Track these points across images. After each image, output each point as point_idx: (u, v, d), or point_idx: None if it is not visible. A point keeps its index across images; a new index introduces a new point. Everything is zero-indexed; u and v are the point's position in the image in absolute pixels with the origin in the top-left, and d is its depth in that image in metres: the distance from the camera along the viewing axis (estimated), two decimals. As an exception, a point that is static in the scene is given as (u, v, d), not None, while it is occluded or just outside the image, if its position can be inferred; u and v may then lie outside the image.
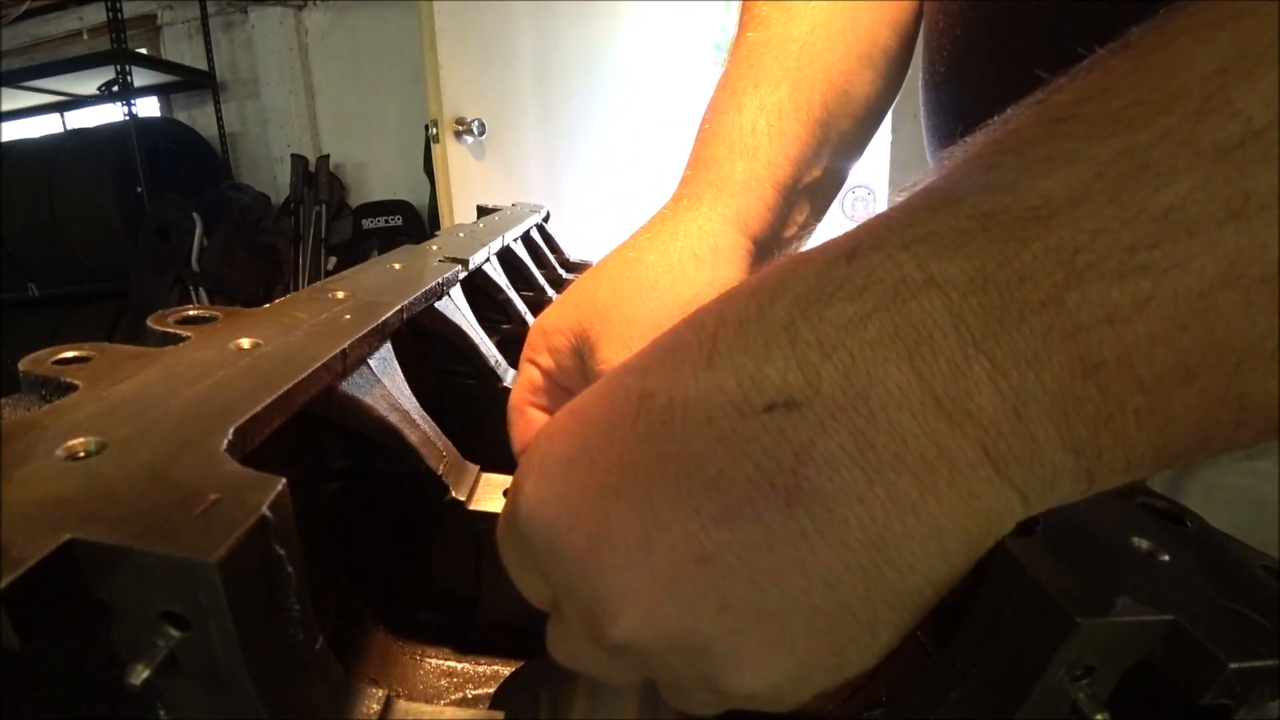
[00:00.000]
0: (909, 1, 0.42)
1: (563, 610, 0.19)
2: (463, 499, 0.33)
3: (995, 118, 0.17)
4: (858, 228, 0.16)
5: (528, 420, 0.33)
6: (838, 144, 0.40)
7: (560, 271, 0.86)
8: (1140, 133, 0.13)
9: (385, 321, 0.31)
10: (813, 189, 0.40)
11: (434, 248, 0.51)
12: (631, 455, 0.16)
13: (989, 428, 0.14)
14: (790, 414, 0.15)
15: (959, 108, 0.40)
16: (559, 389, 0.33)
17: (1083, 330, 0.13)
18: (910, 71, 0.44)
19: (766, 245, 0.37)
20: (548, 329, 0.33)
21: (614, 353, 0.30)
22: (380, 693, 0.21)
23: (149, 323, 0.26)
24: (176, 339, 0.25)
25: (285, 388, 0.22)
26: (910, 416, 0.14)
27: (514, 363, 0.51)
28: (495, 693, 0.32)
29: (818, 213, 0.41)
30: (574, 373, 0.32)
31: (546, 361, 0.33)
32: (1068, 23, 0.32)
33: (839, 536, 0.15)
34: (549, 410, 0.33)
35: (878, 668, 0.18)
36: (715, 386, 0.15)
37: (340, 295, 0.33)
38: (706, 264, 0.34)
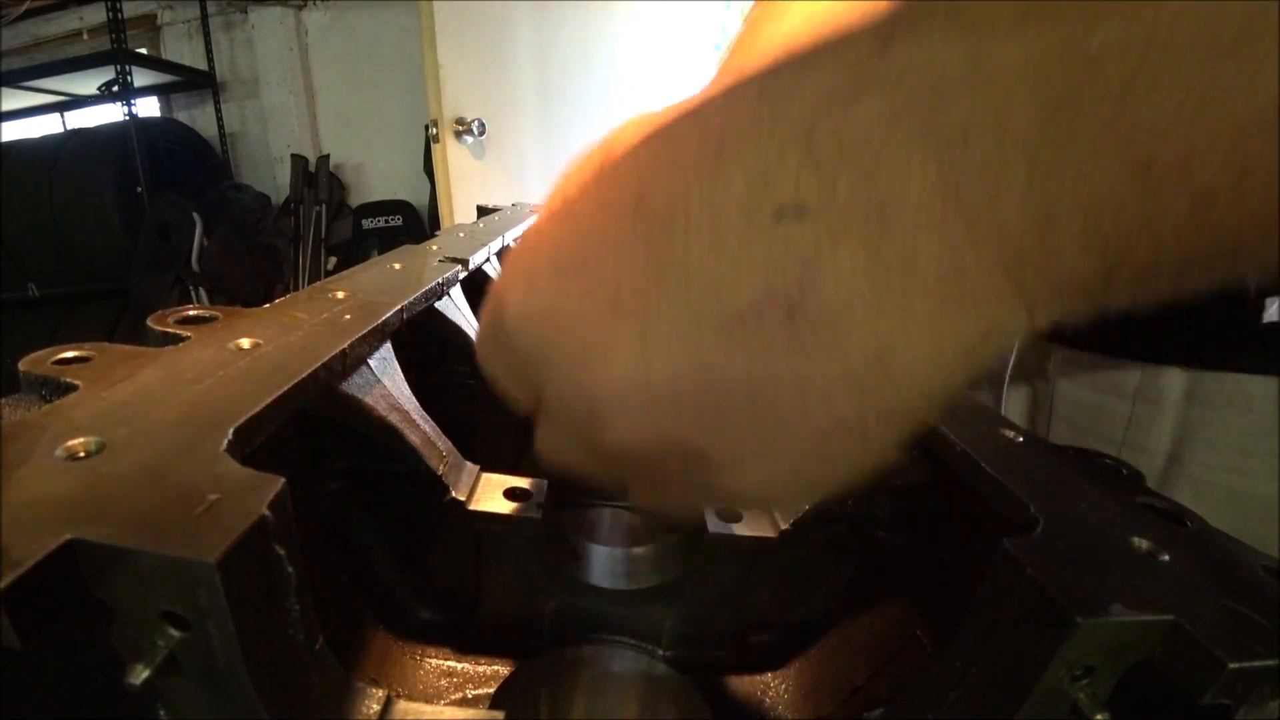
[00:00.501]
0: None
1: (553, 413, 0.19)
2: (463, 499, 0.33)
3: None
4: (884, 6, 0.14)
5: None
6: None
7: (560, 271, 0.86)
8: None
9: (385, 321, 0.31)
10: None
11: (434, 248, 0.51)
12: (628, 262, 0.15)
13: (1011, 235, 0.13)
14: (800, 222, 0.14)
15: None
16: None
17: (1143, 128, 0.12)
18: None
19: None
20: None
21: None
22: (380, 693, 0.21)
23: (149, 323, 0.26)
24: (176, 339, 0.25)
25: (285, 388, 0.22)
26: (928, 226, 0.13)
27: (514, 363, 0.51)
28: (495, 693, 0.32)
29: None
30: None
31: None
32: None
33: (840, 349, 0.14)
34: None
35: (878, 669, 0.18)
36: (721, 189, 0.14)
37: (340, 295, 0.33)
38: None
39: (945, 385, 0.15)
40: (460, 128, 1.84)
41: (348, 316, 0.30)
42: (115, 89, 2.55)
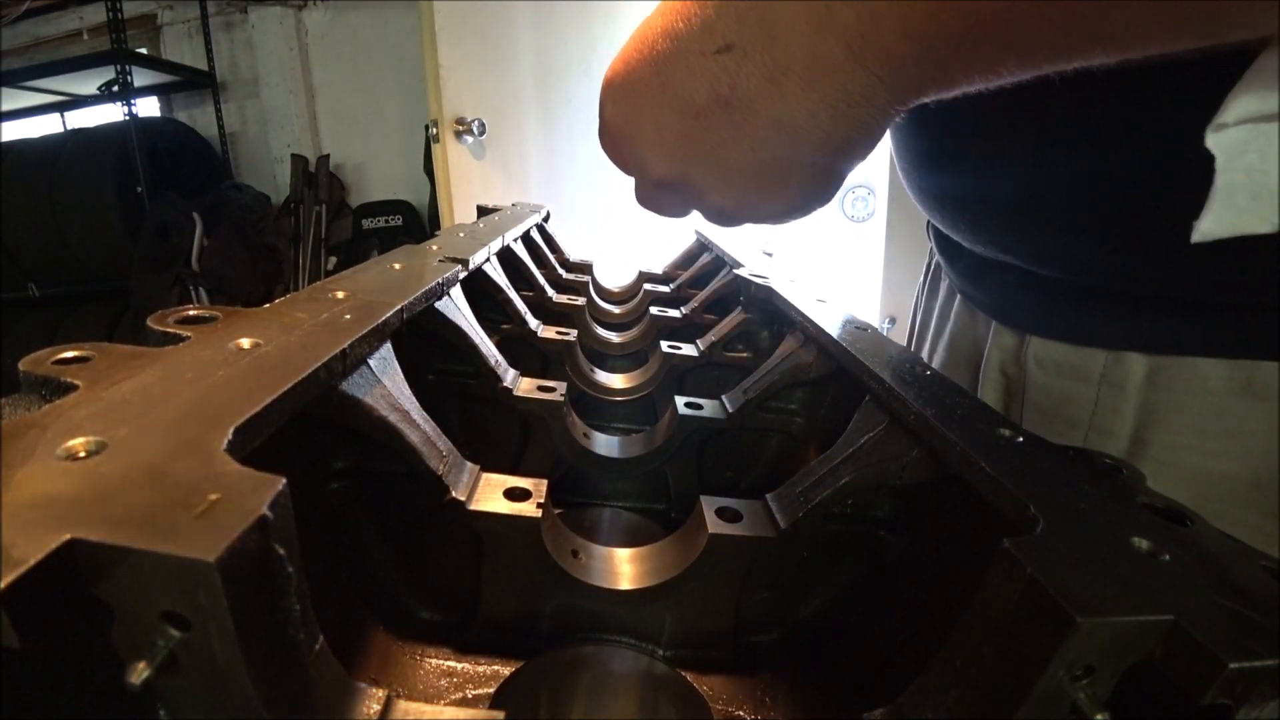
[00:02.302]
0: None
1: (632, 171, 0.35)
2: (463, 499, 0.33)
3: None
4: None
5: None
6: None
7: (560, 271, 0.86)
8: None
9: (385, 321, 0.31)
10: None
11: (434, 248, 0.51)
12: (650, 74, 0.29)
13: (851, 29, 0.22)
14: (729, 53, 0.25)
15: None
16: None
17: None
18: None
19: None
20: None
21: None
22: (380, 693, 0.21)
23: (149, 323, 0.26)
24: (176, 339, 0.25)
25: (285, 388, 0.22)
26: (798, 35, 0.24)
27: (514, 363, 0.51)
28: (495, 693, 0.32)
29: None
30: None
31: None
32: None
33: (756, 120, 0.27)
34: None
35: (878, 669, 0.18)
36: (694, 37, 0.26)
37: (340, 295, 0.33)
38: None
39: (828, 143, 0.27)
40: (460, 128, 1.84)
41: (348, 316, 0.30)
42: (115, 89, 2.55)
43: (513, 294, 0.62)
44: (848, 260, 2.85)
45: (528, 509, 0.33)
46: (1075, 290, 0.40)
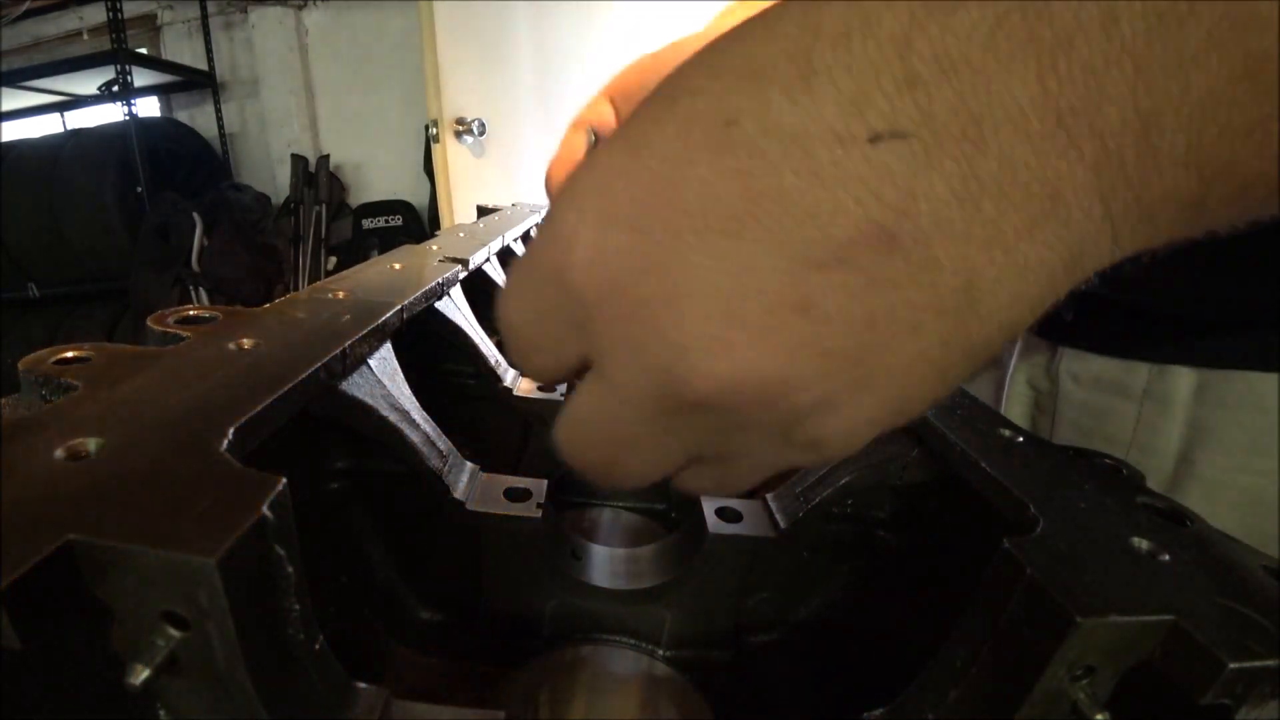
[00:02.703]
0: None
1: (609, 370, 0.17)
2: (463, 499, 0.33)
3: None
4: None
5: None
6: None
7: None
8: None
9: (385, 321, 0.31)
10: None
11: (434, 248, 0.51)
12: (716, 193, 0.14)
13: (1109, 146, 0.13)
14: (896, 145, 0.13)
15: None
16: None
17: (1260, 19, 0.11)
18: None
19: None
20: (588, 102, 0.28)
21: None
22: (380, 693, 0.21)
23: (149, 323, 0.26)
24: (176, 339, 0.25)
25: (285, 388, 0.22)
26: (1024, 139, 0.13)
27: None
28: (495, 693, 0.32)
29: None
30: None
31: (590, 119, 0.27)
32: None
33: (931, 280, 0.14)
34: None
35: (878, 668, 0.18)
36: (813, 112, 0.14)
37: (340, 295, 0.33)
38: None
39: (1022, 317, 0.15)
40: (460, 128, 1.84)
41: (348, 316, 0.30)
42: (115, 89, 2.55)
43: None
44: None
45: (528, 509, 0.33)
46: (1119, 301, 0.38)
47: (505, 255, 0.68)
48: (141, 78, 2.81)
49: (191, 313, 0.28)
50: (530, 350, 0.19)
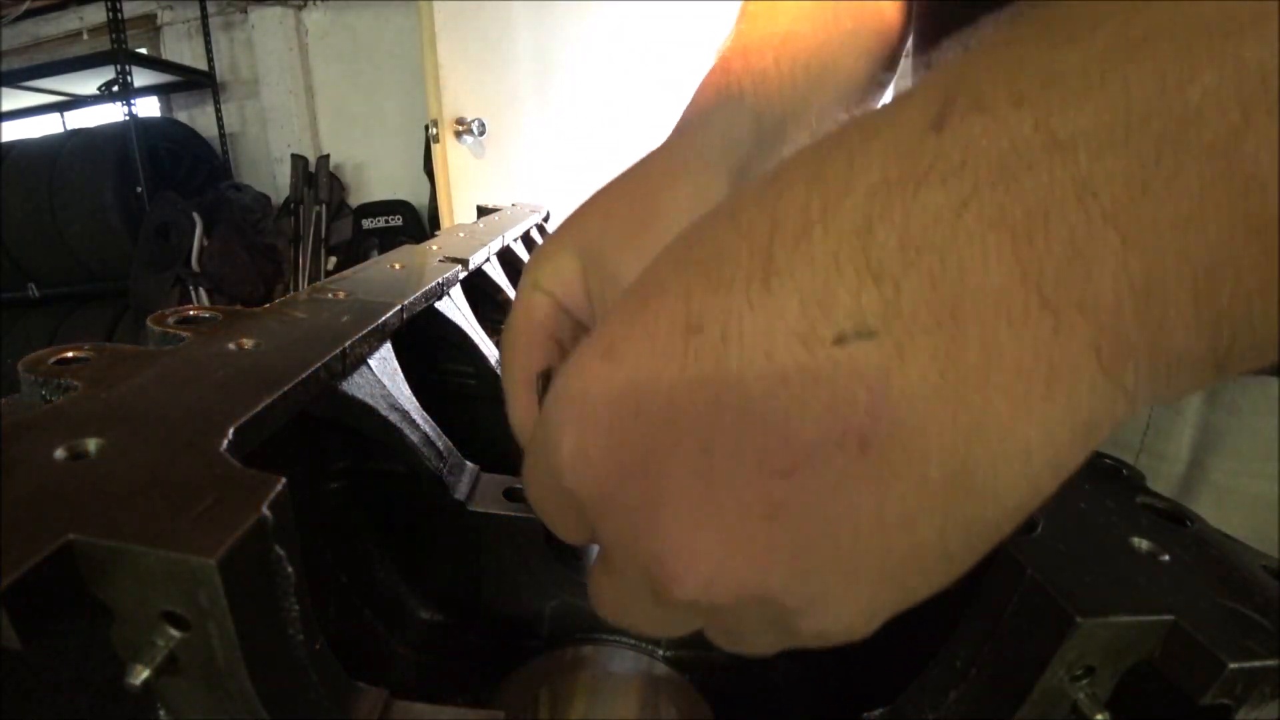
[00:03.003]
0: (896, 1, 0.42)
1: (614, 563, 0.18)
2: (463, 499, 0.33)
3: None
4: (936, 77, 0.13)
5: (539, 353, 0.26)
6: (817, 115, 0.38)
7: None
8: None
9: (385, 321, 0.31)
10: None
11: (434, 248, 0.51)
12: (682, 402, 0.14)
13: (1105, 321, 0.12)
14: (863, 343, 0.12)
15: None
16: (566, 318, 0.27)
17: (1259, 180, 0.10)
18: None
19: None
20: (549, 252, 0.27)
21: (634, 263, 0.24)
22: (380, 693, 0.21)
23: (149, 323, 0.26)
24: (176, 339, 0.25)
25: (285, 388, 0.22)
26: (1006, 325, 0.12)
27: (514, 363, 0.51)
28: (495, 693, 0.32)
29: None
30: (581, 297, 0.27)
31: (552, 284, 0.27)
32: None
33: (917, 474, 0.13)
34: (559, 343, 0.27)
35: (878, 669, 0.18)
36: (775, 315, 0.13)
37: (340, 295, 0.33)
38: (727, 156, 0.29)
39: (1036, 492, 0.14)
40: (460, 128, 1.84)
41: (347, 316, 0.30)
42: (115, 89, 2.55)
43: (512, 294, 0.62)
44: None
45: (527, 509, 0.33)
46: None
47: (505, 255, 0.68)
48: (141, 78, 2.81)
49: (191, 313, 0.28)
50: (551, 524, 0.20)
